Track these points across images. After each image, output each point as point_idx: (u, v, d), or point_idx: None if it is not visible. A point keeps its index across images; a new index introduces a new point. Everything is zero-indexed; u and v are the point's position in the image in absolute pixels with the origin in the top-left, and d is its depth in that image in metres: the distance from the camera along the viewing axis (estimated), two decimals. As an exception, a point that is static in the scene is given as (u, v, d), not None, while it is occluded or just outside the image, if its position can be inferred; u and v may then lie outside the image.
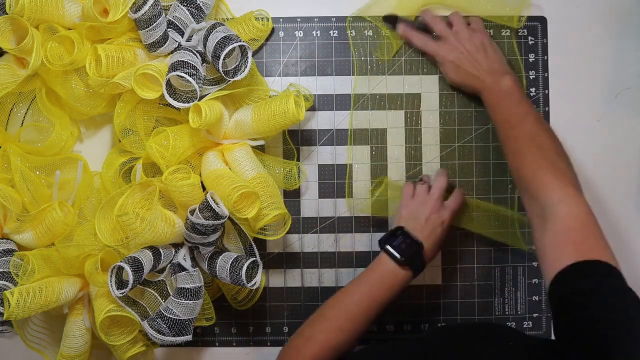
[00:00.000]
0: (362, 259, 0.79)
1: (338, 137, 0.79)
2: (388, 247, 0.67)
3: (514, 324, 0.79)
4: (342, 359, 0.64)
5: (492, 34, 0.79)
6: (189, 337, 0.66)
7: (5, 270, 0.67)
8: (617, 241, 0.80)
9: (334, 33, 0.80)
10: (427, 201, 0.71)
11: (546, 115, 0.80)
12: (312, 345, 0.63)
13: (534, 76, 0.79)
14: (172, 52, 0.72)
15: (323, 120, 0.80)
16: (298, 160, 0.79)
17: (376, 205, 0.78)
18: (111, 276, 0.64)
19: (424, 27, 0.77)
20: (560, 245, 0.56)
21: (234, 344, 0.80)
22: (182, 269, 0.68)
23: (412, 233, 0.69)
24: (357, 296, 0.66)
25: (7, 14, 0.66)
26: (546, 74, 0.79)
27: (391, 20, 0.77)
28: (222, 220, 0.64)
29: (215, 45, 0.66)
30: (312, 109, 0.79)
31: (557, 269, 0.53)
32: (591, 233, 0.56)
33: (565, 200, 0.58)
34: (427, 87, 0.80)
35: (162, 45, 0.70)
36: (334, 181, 0.79)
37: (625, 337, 0.47)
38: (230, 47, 0.66)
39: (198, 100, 0.68)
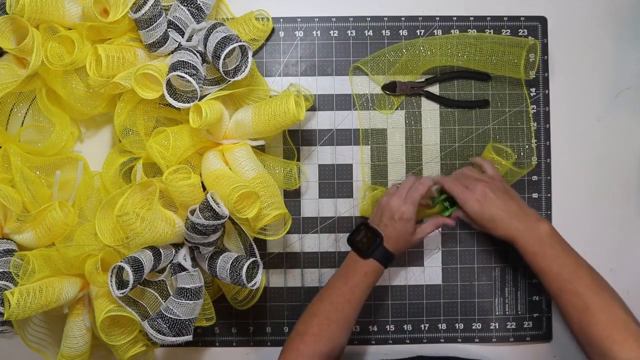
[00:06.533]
0: (362, 259, 0.79)
1: (338, 137, 0.79)
2: (351, 242, 0.73)
3: (514, 324, 0.79)
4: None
5: (492, 33, 0.79)
6: (189, 337, 0.66)
7: (5, 270, 0.67)
8: (617, 241, 0.80)
9: (334, 33, 0.80)
10: (392, 197, 0.72)
11: (546, 115, 0.80)
12: (308, 338, 0.67)
13: (534, 76, 0.79)
14: (172, 52, 0.72)
15: (323, 120, 0.80)
16: (298, 160, 0.79)
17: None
18: (111, 276, 0.64)
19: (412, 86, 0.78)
20: None
21: (234, 344, 0.80)
22: (183, 269, 0.68)
23: (372, 226, 0.72)
24: (337, 289, 0.70)
25: (7, 14, 0.66)
26: (546, 74, 0.79)
27: (390, 88, 0.79)
28: (222, 220, 0.64)
29: (216, 45, 0.66)
30: (312, 109, 0.79)
31: None
32: None
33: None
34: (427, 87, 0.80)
35: (163, 45, 0.70)
36: (334, 181, 0.79)
37: None
38: (231, 47, 0.66)
39: (198, 100, 0.68)
